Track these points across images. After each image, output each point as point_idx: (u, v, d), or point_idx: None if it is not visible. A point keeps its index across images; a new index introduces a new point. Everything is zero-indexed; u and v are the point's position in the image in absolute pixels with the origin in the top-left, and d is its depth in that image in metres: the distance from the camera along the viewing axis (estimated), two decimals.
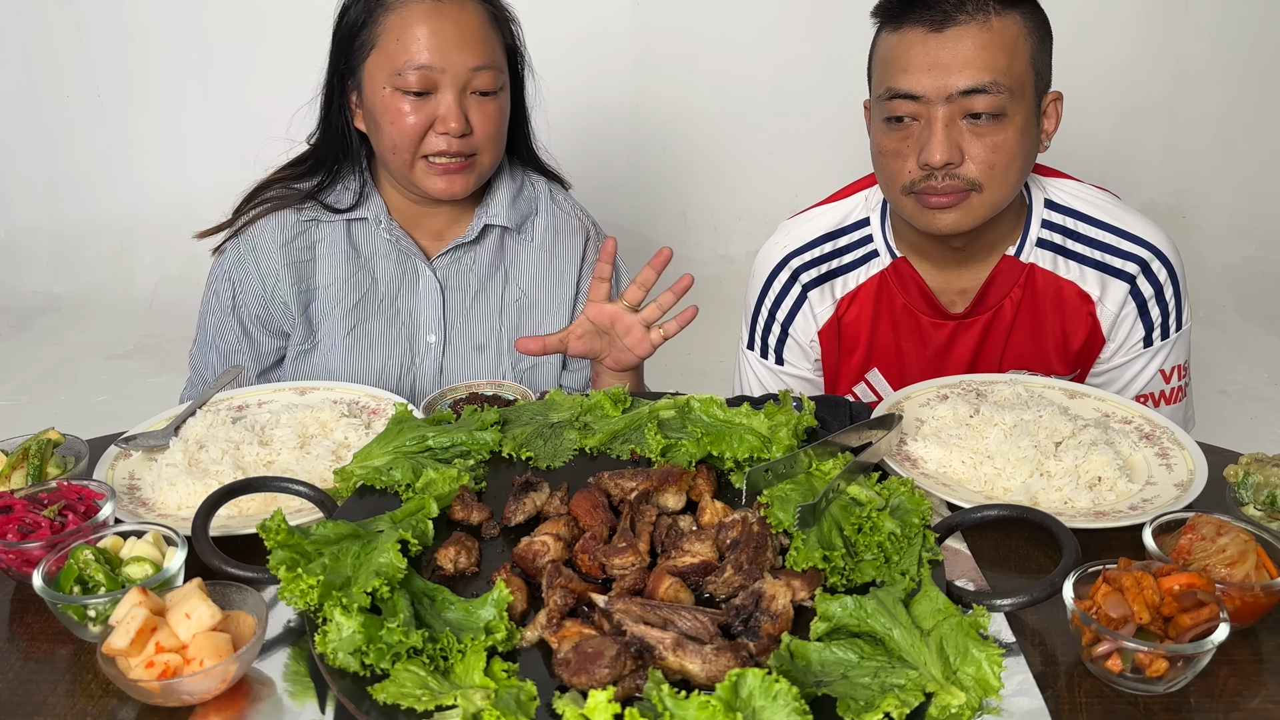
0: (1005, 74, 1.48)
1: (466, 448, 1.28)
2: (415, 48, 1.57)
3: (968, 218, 1.56)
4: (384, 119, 1.62)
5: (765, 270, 1.82)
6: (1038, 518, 1.12)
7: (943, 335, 1.74)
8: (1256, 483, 1.23)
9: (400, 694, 0.86)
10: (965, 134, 1.50)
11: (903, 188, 1.57)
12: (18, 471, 1.29)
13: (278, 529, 1.02)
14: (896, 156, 1.56)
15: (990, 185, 1.53)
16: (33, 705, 1.00)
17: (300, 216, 1.73)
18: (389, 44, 1.59)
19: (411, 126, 1.60)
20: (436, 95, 1.59)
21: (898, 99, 1.52)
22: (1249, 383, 3.98)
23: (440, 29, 1.57)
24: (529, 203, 1.82)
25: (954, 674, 0.90)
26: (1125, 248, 1.67)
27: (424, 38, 1.57)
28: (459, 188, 1.65)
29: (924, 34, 1.49)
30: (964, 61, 1.47)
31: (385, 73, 1.59)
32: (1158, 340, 1.70)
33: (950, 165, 1.51)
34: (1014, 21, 1.49)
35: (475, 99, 1.61)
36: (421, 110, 1.59)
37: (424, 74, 1.57)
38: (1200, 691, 1.00)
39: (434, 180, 1.64)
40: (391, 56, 1.58)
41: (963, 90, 1.47)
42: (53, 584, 1.06)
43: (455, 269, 1.78)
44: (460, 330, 1.78)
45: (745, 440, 1.25)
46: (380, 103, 1.61)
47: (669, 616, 0.95)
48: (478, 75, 1.59)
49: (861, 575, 1.03)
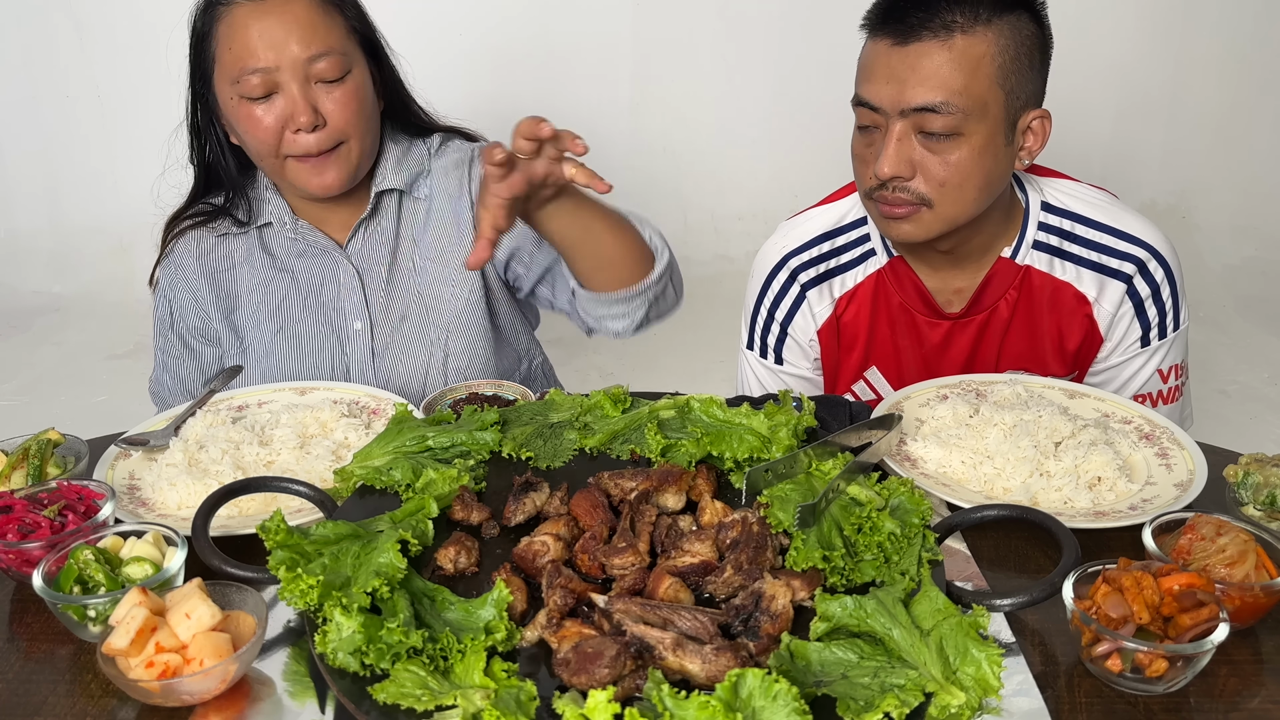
0: (961, 94, 1.46)
1: (466, 448, 1.28)
2: (246, 52, 1.56)
3: (920, 230, 1.56)
4: (240, 128, 1.62)
5: (764, 270, 1.83)
6: (1038, 518, 1.12)
7: (938, 335, 1.74)
8: (1256, 483, 1.23)
9: (400, 694, 0.86)
10: (918, 149, 1.50)
11: (865, 192, 1.60)
12: (18, 471, 1.29)
13: (277, 529, 1.02)
14: (862, 161, 1.58)
15: (941, 202, 1.52)
16: (33, 705, 1.00)
17: (215, 232, 1.77)
18: (224, 54, 1.59)
19: (266, 130, 1.58)
20: (281, 94, 1.57)
21: (861, 106, 1.54)
22: (1249, 383, 3.98)
23: (265, 28, 1.55)
24: (419, 161, 1.78)
25: (954, 674, 0.90)
26: (1122, 248, 1.67)
27: (253, 40, 1.55)
28: (332, 179, 1.63)
29: (888, 46, 1.49)
30: (919, 78, 1.46)
31: (228, 83, 1.59)
32: (1155, 340, 1.70)
33: (899, 179, 1.51)
34: (983, 40, 1.46)
35: (323, 88, 1.59)
36: (271, 112, 1.58)
37: (262, 76, 1.56)
38: (1200, 691, 1.00)
39: (307, 178, 1.63)
40: (228, 66, 1.58)
41: (915, 107, 1.47)
42: (53, 584, 1.06)
43: (368, 249, 1.77)
44: (382, 308, 1.77)
45: (745, 440, 1.25)
46: (232, 113, 1.61)
47: (669, 616, 0.95)
48: (316, 64, 1.57)
49: (861, 575, 1.03)
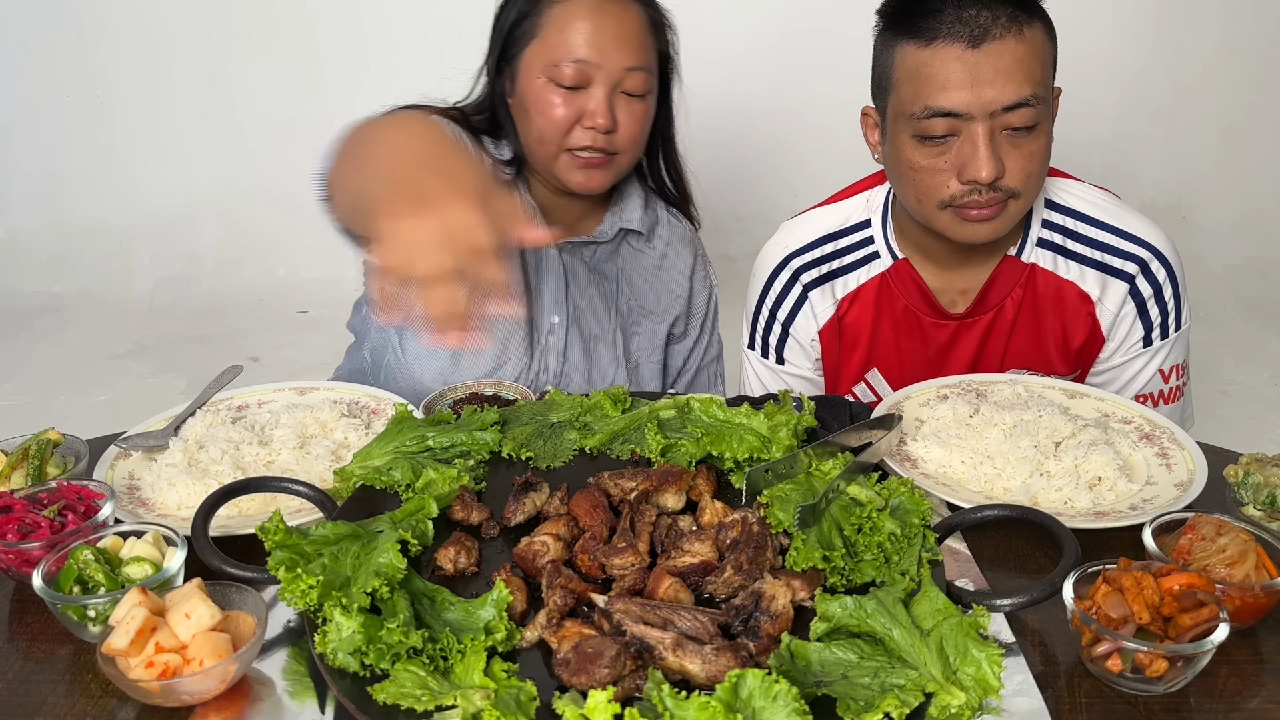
0: (1041, 85, 1.46)
1: (466, 448, 1.29)
2: (575, 41, 1.59)
3: (1005, 225, 1.56)
4: (534, 108, 1.63)
5: (766, 270, 1.83)
6: (1038, 518, 1.12)
7: (944, 335, 1.74)
8: (1256, 483, 1.23)
9: (400, 694, 0.86)
10: (1004, 145, 1.49)
11: (940, 202, 1.54)
12: (18, 471, 1.29)
13: (275, 529, 1.02)
14: (933, 173, 1.52)
15: (1026, 192, 1.53)
16: (33, 705, 1.00)
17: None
18: (550, 35, 1.61)
19: (561, 118, 1.61)
20: (588, 90, 1.61)
21: (937, 118, 1.48)
22: (1249, 383, 3.98)
23: (601, 26, 1.59)
24: (654, 211, 1.89)
25: (954, 674, 0.90)
26: (1125, 248, 1.67)
27: (584, 32, 1.59)
28: (597, 183, 1.68)
29: (961, 50, 1.45)
30: (1005, 76, 1.44)
31: (542, 63, 1.61)
32: (1157, 340, 1.70)
33: (997, 180, 1.49)
34: (1039, 30, 1.48)
35: (624, 99, 1.63)
36: (572, 104, 1.61)
37: (580, 68, 1.59)
38: (1200, 691, 1.00)
39: (575, 173, 1.66)
40: (550, 48, 1.60)
41: (1006, 106, 1.45)
42: (53, 584, 1.06)
43: (573, 261, 1.81)
44: (578, 318, 1.81)
45: (745, 440, 1.25)
46: (533, 92, 1.63)
47: (669, 616, 0.95)
48: (630, 76, 1.61)
49: (861, 575, 1.03)
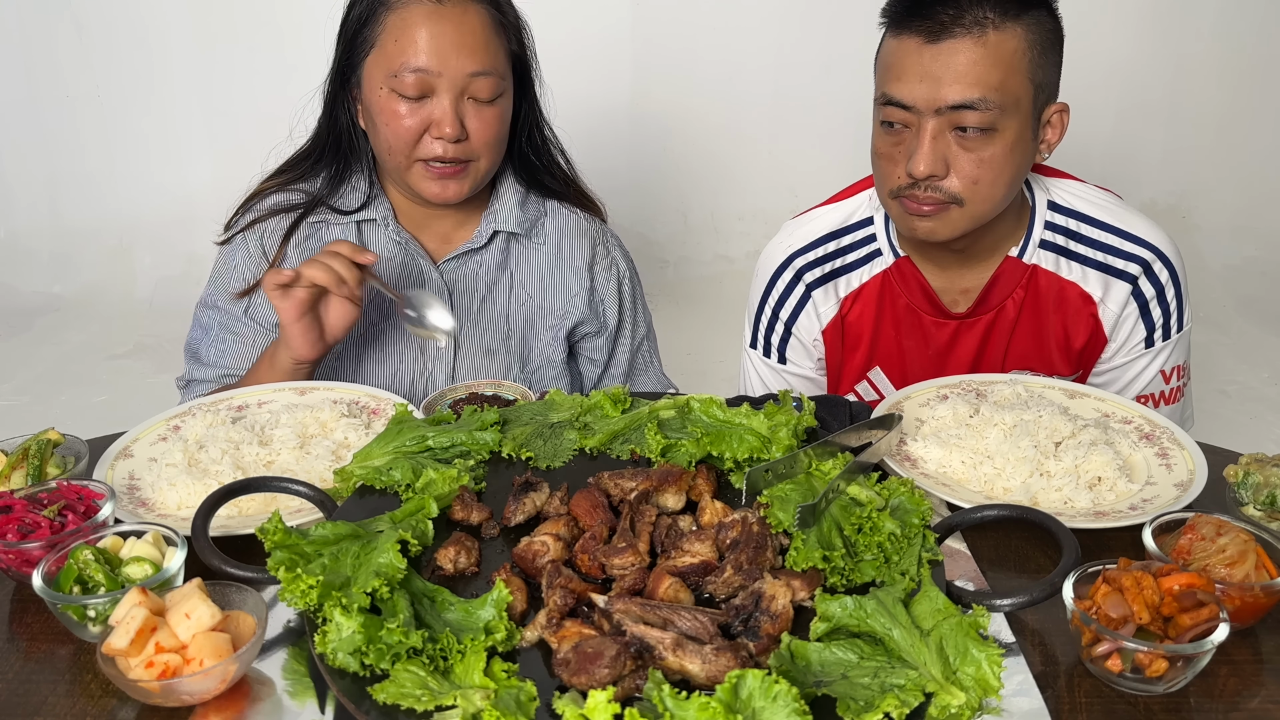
0: (997, 90, 1.46)
1: (466, 448, 1.28)
2: (412, 50, 1.55)
3: (945, 228, 1.56)
4: (380, 119, 1.60)
5: (769, 270, 1.83)
6: (1038, 518, 1.12)
7: (945, 335, 1.74)
8: (1256, 483, 1.23)
9: (400, 694, 0.86)
10: (953, 146, 1.50)
11: (890, 190, 1.58)
12: (18, 471, 1.29)
13: (275, 530, 1.02)
14: (888, 160, 1.56)
15: (972, 200, 1.53)
16: (32, 705, 1.00)
17: (308, 220, 1.72)
18: (388, 44, 1.57)
19: (406, 129, 1.58)
20: (433, 99, 1.57)
21: (890, 105, 1.52)
22: (1249, 383, 3.98)
23: (439, 32, 1.55)
24: (537, 206, 1.81)
25: (954, 674, 0.90)
26: (1127, 249, 1.67)
27: (422, 40, 1.54)
28: (452, 193, 1.64)
29: (919, 44, 1.48)
30: (955, 75, 1.46)
31: (382, 73, 1.58)
32: (1159, 341, 1.70)
33: (933, 178, 1.51)
34: (1014, 35, 1.47)
35: (473, 105, 1.59)
36: (417, 113, 1.57)
37: (420, 77, 1.55)
38: (1200, 691, 1.00)
39: (429, 184, 1.63)
40: (389, 57, 1.57)
41: (951, 104, 1.46)
42: (53, 584, 1.06)
43: (462, 272, 1.77)
44: (468, 334, 1.77)
45: (745, 440, 1.25)
46: (377, 103, 1.60)
47: (669, 616, 0.95)
48: (475, 81, 1.57)
49: (861, 575, 1.03)
